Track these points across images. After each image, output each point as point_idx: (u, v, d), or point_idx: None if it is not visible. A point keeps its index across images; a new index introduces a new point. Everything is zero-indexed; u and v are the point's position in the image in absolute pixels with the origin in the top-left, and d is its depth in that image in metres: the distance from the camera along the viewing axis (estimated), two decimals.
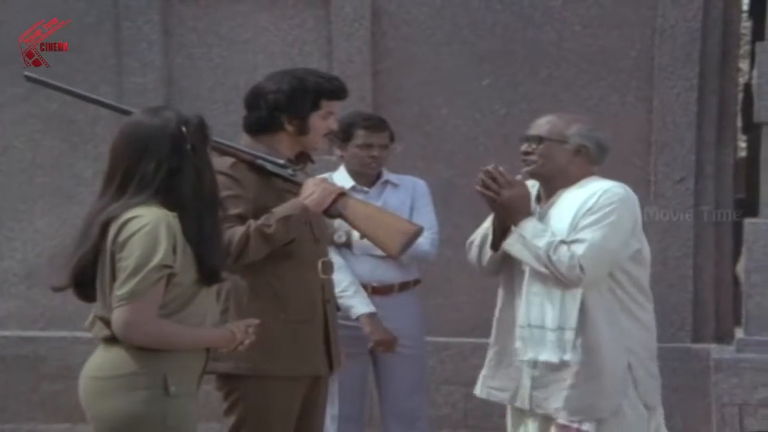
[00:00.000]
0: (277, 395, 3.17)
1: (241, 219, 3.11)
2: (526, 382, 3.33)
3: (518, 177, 3.34)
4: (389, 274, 4.04)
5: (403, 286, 4.10)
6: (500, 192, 3.26)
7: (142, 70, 5.39)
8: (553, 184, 3.37)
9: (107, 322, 2.64)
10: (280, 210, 3.11)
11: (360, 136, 4.02)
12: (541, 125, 3.39)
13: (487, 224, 3.43)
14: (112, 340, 2.65)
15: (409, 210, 4.03)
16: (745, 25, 6.58)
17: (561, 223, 3.26)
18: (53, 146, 5.50)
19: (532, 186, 3.39)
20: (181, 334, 2.66)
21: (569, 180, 3.35)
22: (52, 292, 2.82)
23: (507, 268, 3.42)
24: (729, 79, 5.24)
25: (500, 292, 3.48)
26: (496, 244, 3.37)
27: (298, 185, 3.20)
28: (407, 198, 4.07)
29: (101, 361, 2.68)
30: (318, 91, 3.22)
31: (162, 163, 2.62)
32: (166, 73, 5.42)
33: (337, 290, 3.87)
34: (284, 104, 3.20)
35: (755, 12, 5.87)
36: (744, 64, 6.86)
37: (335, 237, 3.96)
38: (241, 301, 3.15)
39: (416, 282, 4.16)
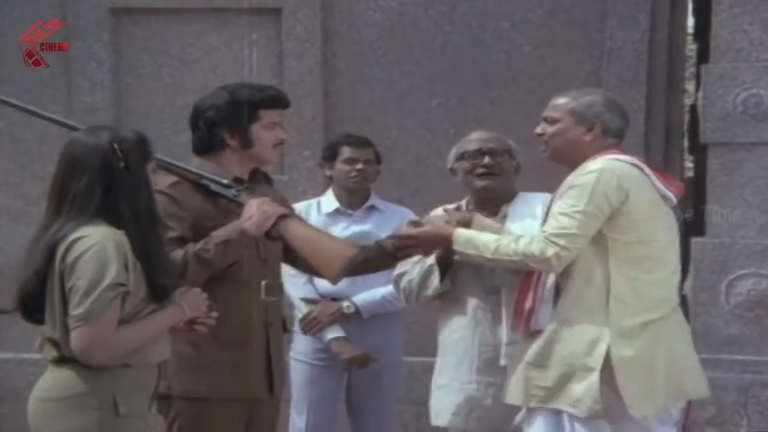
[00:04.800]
0: (211, 417, 3.12)
1: (181, 241, 3.07)
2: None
3: (437, 213, 3.42)
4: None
5: None
6: (417, 250, 3.32)
7: (91, 89, 5.35)
8: (499, 200, 3.53)
9: (56, 344, 2.62)
10: (219, 234, 3.06)
11: (345, 151, 4.15)
12: (497, 139, 3.58)
13: (422, 261, 3.49)
14: (61, 361, 2.62)
15: None
16: (691, 47, 6.69)
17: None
18: None
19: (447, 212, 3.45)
20: (140, 332, 2.63)
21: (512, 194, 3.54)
22: None
23: (455, 292, 3.49)
24: (675, 100, 5.32)
25: (452, 317, 3.54)
26: (442, 274, 3.45)
27: (242, 206, 3.14)
28: (389, 226, 4.09)
29: (50, 382, 2.65)
30: (252, 102, 3.18)
31: (93, 180, 2.61)
32: (116, 93, 5.39)
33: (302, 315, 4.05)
34: (220, 120, 3.17)
35: (700, 35, 5.97)
36: (690, 86, 6.97)
37: (344, 308, 4.06)
38: None
39: None
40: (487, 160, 3.49)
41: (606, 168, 3.03)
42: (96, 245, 2.55)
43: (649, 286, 3.09)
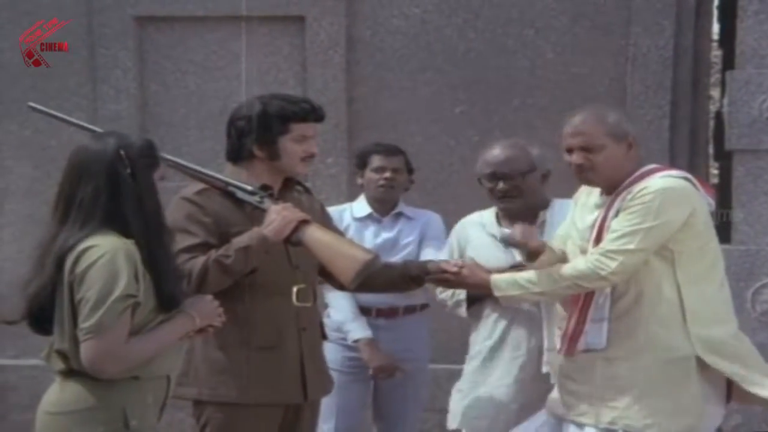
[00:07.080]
0: (242, 422, 3.11)
1: (205, 247, 3.06)
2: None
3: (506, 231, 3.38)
4: (394, 297, 4.06)
5: (409, 310, 4.15)
6: (456, 285, 3.37)
7: (116, 97, 5.38)
8: (531, 211, 3.54)
9: (64, 356, 2.56)
10: (240, 240, 3.05)
11: (375, 160, 4.19)
12: (513, 159, 3.53)
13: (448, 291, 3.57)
14: (68, 373, 2.57)
15: (419, 244, 4.07)
16: (716, 54, 6.66)
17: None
18: (25, 173, 5.48)
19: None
20: (150, 343, 2.57)
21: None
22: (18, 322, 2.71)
23: (494, 305, 3.49)
24: (700, 106, 5.29)
25: (485, 321, 3.56)
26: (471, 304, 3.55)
27: (266, 213, 3.12)
28: (416, 231, 4.12)
29: (58, 396, 2.60)
30: (282, 115, 3.15)
31: (99, 188, 2.55)
32: (140, 100, 5.41)
33: (338, 316, 4.09)
34: (248, 131, 3.16)
35: (725, 41, 5.94)
36: (715, 92, 6.94)
37: None
38: None
39: (423, 306, 4.21)
40: (501, 185, 3.49)
41: (667, 186, 3.05)
42: (106, 255, 2.49)
43: (716, 292, 3.13)
